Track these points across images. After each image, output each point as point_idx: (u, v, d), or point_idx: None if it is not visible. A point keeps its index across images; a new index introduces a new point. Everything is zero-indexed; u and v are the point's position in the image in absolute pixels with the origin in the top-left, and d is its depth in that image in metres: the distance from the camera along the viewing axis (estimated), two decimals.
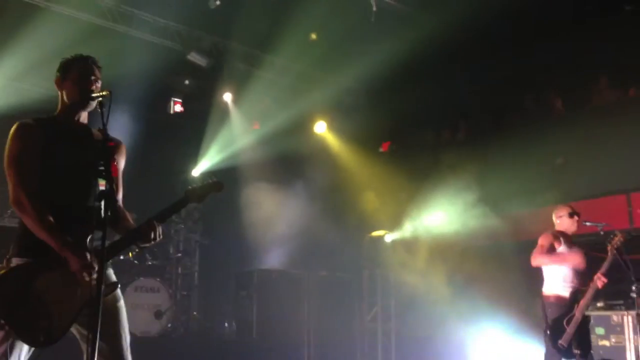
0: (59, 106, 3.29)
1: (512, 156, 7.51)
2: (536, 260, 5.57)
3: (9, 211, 6.74)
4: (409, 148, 10.36)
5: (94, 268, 2.94)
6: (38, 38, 7.61)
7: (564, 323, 5.40)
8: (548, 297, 5.61)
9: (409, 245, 8.50)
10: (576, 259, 5.44)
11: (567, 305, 5.46)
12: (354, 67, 9.15)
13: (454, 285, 7.48)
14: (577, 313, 5.39)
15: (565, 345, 5.37)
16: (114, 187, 2.93)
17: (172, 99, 10.04)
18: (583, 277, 5.55)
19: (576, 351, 5.35)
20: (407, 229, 8.61)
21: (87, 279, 2.92)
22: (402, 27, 8.34)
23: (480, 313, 7.12)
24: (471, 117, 9.62)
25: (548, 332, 5.48)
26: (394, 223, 8.81)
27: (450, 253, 7.79)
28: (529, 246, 5.94)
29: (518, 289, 7.12)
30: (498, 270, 7.10)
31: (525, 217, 7.38)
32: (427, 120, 9.87)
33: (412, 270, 8.16)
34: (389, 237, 8.83)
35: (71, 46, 3.36)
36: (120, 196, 3.36)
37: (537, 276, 5.82)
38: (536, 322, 6.54)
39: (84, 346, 3.08)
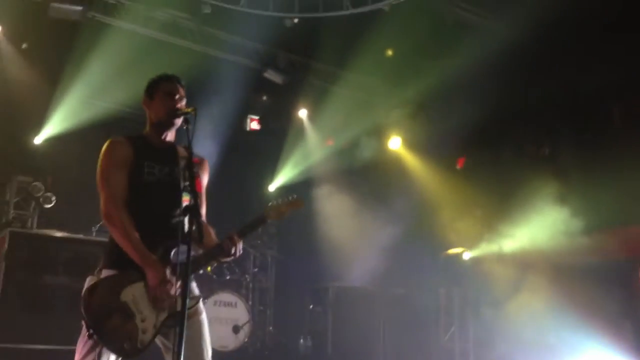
0: (147, 125, 3.40)
1: (600, 172, 7.17)
2: None
3: (97, 225, 6.99)
4: (486, 164, 10.10)
5: (172, 285, 3.01)
6: (116, 57, 7.90)
7: None
8: None
9: (489, 264, 8.27)
10: None
11: None
12: (427, 81, 9.03)
13: (539, 305, 7.17)
14: None
15: None
16: (198, 202, 2.99)
17: (249, 115, 10.21)
18: None
19: None
20: (487, 247, 8.38)
21: (162, 296, 3.00)
22: (476, 37, 8.17)
23: (570, 336, 6.78)
24: (553, 131, 9.27)
25: None
26: (473, 241, 8.59)
27: (534, 271, 7.50)
28: (623, 265, 5.65)
29: (611, 310, 6.77)
30: (590, 290, 6.77)
31: (620, 234, 7.00)
32: (505, 135, 9.60)
33: (492, 289, 7.92)
34: (467, 254, 8.62)
35: (150, 65, 3.49)
36: (203, 211, 3.42)
37: (633, 297, 5.51)
38: (631, 346, 6.18)
39: (167, 358, 3.15)
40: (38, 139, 8.46)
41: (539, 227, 7.58)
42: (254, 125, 10.20)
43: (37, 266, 5.98)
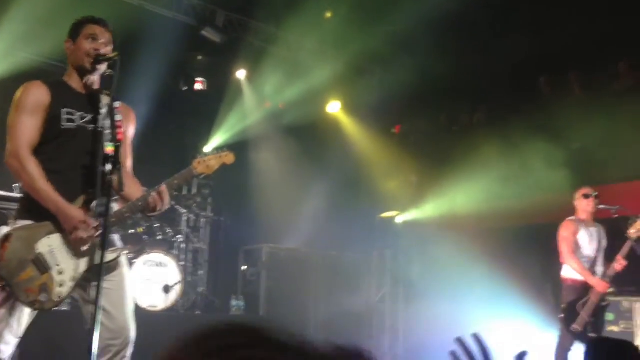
0: (69, 69, 3.23)
1: (530, 140, 7.38)
2: (568, 261, 5.52)
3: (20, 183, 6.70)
4: (422, 130, 10.23)
5: (90, 227, 2.90)
6: (42, 6, 7.45)
7: (578, 307, 5.34)
8: (565, 280, 5.58)
9: (420, 227, 8.43)
10: (599, 287, 5.34)
11: (583, 288, 5.40)
12: (367, 45, 9.00)
13: (466, 268, 7.38)
14: (593, 297, 5.32)
15: (580, 329, 5.29)
16: (120, 151, 2.89)
17: (185, 75, 9.94)
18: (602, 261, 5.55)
19: (592, 335, 5.28)
20: (420, 211, 8.54)
21: (81, 237, 2.88)
22: (416, 2, 8.16)
23: (494, 297, 7.00)
24: (487, 99, 9.44)
25: (562, 315, 5.44)
26: (406, 205, 8.74)
27: (463, 235, 7.69)
28: (546, 229, 5.88)
29: (534, 273, 7.07)
30: (515, 253, 7.03)
31: (544, 201, 7.23)
32: (440, 101, 9.71)
33: (423, 252, 8.10)
34: (400, 218, 8.77)
35: (78, 16, 3.30)
36: (129, 163, 3.31)
37: (554, 260, 5.78)
38: (552, 308, 6.46)
39: (85, 310, 3.06)
40: None
41: (468, 193, 7.76)
42: (190, 84, 9.95)
43: None
